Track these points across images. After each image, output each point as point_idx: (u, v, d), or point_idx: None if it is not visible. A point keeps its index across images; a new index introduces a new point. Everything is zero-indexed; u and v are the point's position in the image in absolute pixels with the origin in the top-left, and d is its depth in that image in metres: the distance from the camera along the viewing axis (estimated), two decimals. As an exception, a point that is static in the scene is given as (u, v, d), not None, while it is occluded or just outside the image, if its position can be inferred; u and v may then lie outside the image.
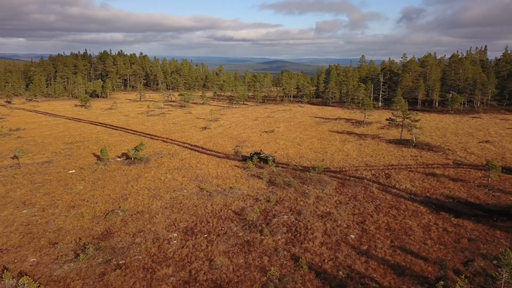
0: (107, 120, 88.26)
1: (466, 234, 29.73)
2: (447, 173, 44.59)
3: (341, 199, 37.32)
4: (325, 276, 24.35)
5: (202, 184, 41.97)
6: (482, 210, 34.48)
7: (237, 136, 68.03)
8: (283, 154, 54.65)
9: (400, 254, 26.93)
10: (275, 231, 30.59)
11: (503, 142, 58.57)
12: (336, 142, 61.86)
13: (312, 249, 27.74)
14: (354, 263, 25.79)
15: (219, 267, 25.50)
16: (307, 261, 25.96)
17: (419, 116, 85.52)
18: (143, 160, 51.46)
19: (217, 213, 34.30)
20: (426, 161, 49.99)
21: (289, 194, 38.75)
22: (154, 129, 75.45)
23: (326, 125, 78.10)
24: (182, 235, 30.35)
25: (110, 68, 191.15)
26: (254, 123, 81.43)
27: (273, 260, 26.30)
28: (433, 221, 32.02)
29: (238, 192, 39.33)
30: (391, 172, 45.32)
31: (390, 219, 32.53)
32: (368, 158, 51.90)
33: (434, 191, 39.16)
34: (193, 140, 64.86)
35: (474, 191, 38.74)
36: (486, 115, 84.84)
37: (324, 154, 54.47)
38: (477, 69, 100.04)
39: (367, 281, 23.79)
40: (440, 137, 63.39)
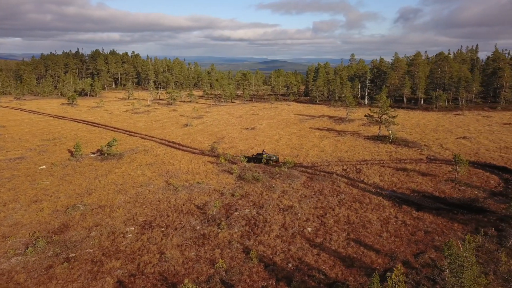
0: (90, 117, 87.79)
1: (424, 226, 29.60)
2: (418, 168, 44.52)
3: (307, 193, 37.14)
4: (274, 268, 24.12)
5: (171, 179, 41.68)
6: (445, 204, 34.41)
7: (217, 133, 67.78)
8: (259, 150, 54.39)
9: (353, 246, 26.76)
10: (233, 224, 30.36)
11: (480, 138, 58.60)
12: (314, 138, 61.73)
13: (267, 241, 27.51)
14: (306, 255, 25.59)
15: (169, 260, 25.23)
16: (259, 254, 25.74)
17: (403, 113, 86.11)
18: (117, 156, 51.11)
19: (179, 208, 34.03)
20: (400, 157, 49.92)
21: (256, 188, 38.53)
22: (135, 126, 75.08)
23: (308, 122, 77.98)
24: (139, 229, 30.07)
25: (101, 66, 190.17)
26: (237, 121, 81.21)
27: (225, 253, 26.05)
28: (394, 215, 31.87)
29: (205, 187, 39.08)
30: (362, 167, 45.21)
31: (351, 213, 32.36)
32: (343, 154, 51.77)
33: (401, 185, 39.05)
34: (171, 136, 64.55)
35: (441, 185, 38.66)
36: (469, 112, 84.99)
37: (300, 150, 54.30)
38: (461, 66, 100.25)
39: (315, 273, 23.60)
40: (419, 134, 63.39)
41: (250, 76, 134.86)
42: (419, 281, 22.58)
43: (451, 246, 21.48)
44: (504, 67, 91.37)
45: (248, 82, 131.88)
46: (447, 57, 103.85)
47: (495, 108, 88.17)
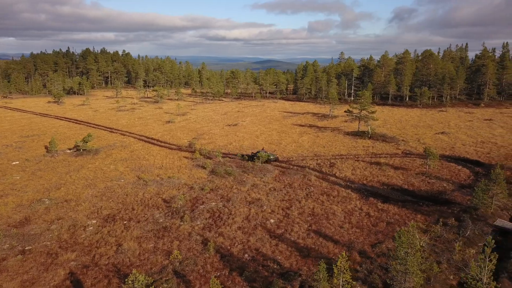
0: (74, 115, 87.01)
1: (387, 218, 29.64)
2: (392, 162, 44.63)
3: (276, 187, 37.05)
4: (229, 259, 24.00)
5: (142, 174, 41.38)
6: (413, 196, 34.50)
7: (199, 129, 67.52)
8: (237, 146, 54.27)
9: (313, 237, 26.71)
10: (196, 217, 30.18)
11: (459, 134, 58.90)
12: (294, 134, 61.67)
13: (227, 233, 27.38)
14: (264, 246, 25.49)
15: (125, 251, 25.00)
16: (217, 245, 25.62)
17: (388, 110, 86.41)
18: (92, 152, 50.68)
19: (146, 201, 33.76)
20: (376, 151, 50.01)
21: (226, 182, 38.37)
22: (117, 123, 74.55)
23: (292, 119, 77.93)
24: (101, 222, 29.78)
25: (91, 65, 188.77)
26: (221, 117, 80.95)
27: (183, 245, 25.88)
28: (359, 207, 31.89)
29: (175, 182, 38.84)
30: (336, 162, 45.21)
31: (317, 205, 32.32)
32: (320, 149, 51.75)
33: (372, 178, 39.11)
34: (151, 133, 64.18)
35: (411, 179, 38.77)
36: (452, 109, 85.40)
37: (278, 145, 54.20)
38: (445, 64, 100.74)
39: (269, 263, 23.51)
40: (399, 129, 63.57)
41: (238, 74, 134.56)
42: (372, 270, 22.58)
43: (403, 235, 21.51)
44: (487, 64, 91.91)
45: (237, 80, 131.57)
46: (432, 54, 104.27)
47: (478, 104, 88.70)
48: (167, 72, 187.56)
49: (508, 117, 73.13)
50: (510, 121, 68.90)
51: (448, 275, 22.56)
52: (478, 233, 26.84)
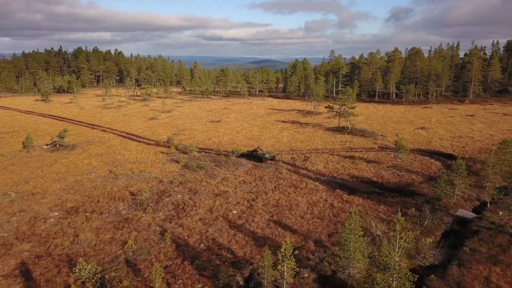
0: (59, 112, 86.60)
1: (350, 209, 29.64)
2: (366, 156, 44.74)
3: (246, 179, 37.02)
4: (184, 249, 23.95)
5: (115, 168, 41.22)
6: (380, 188, 34.60)
7: (181, 125, 67.38)
8: (216, 141, 54.18)
9: (272, 227, 26.71)
10: (160, 209, 30.11)
11: (438, 129, 59.11)
12: (275, 130, 61.67)
13: (187, 224, 27.33)
14: (221, 236, 25.45)
15: (81, 242, 24.89)
16: (175, 236, 25.57)
17: (373, 107, 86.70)
18: (69, 147, 50.47)
19: (113, 194, 33.61)
20: (353, 146, 50.10)
21: (197, 176, 38.29)
22: (100, 120, 74.27)
23: (276, 115, 77.95)
24: (63, 214, 29.61)
25: (82, 64, 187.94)
26: (206, 114, 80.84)
27: (141, 235, 25.80)
28: (324, 198, 31.93)
29: (146, 175, 38.72)
30: (311, 156, 45.24)
31: (283, 196, 32.32)
32: (297, 144, 51.77)
33: (343, 171, 39.18)
34: (133, 129, 63.98)
35: (382, 171, 38.86)
36: (437, 106, 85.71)
37: (257, 141, 54.16)
38: (431, 61, 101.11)
39: (223, 252, 23.48)
40: (380, 125, 63.73)
41: (228, 72, 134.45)
42: (324, 258, 22.59)
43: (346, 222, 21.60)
44: (472, 61, 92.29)
45: (226, 78, 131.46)
46: (419, 51, 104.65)
47: (463, 101, 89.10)
48: (159, 71, 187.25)
49: (490, 113, 73.50)
50: (491, 116, 69.24)
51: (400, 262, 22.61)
52: (437, 222, 26.94)
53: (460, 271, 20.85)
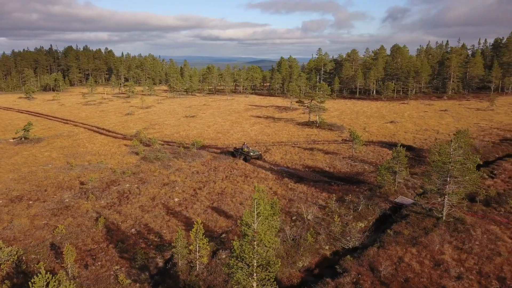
0: (37, 109, 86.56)
1: (292, 196, 29.94)
2: (326, 148, 45.06)
3: (200, 170, 37.24)
4: (115, 233, 24.12)
5: (73, 160, 41.24)
6: (329, 177, 34.90)
7: (154, 120, 67.53)
8: (184, 135, 54.35)
9: (208, 213, 26.94)
10: (103, 197, 30.25)
11: (407, 123, 59.55)
12: (247, 124, 61.91)
13: (125, 211, 27.49)
14: (154, 222, 25.65)
15: (14, 227, 24.99)
16: (109, 221, 25.73)
17: (351, 103, 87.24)
18: (34, 140, 50.52)
19: (62, 184, 33.69)
20: (317, 139, 50.44)
21: (152, 167, 38.44)
22: (76, 116, 74.30)
23: (253, 111, 78.22)
24: (6, 202, 29.63)
25: (71, 63, 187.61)
26: (183, 110, 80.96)
27: (76, 221, 25.92)
28: (270, 186, 32.18)
29: (101, 166, 38.82)
30: (272, 148, 45.52)
31: (230, 185, 32.53)
32: (264, 137, 52.04)
33: (298, 162, 39.46)
34: (105, 124, 64.07)
35: (336, 162, 39.17)
36: (415, 102, 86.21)
37: (225, 134, 54.41)
38: (411, 57, 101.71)
39: (152, 236, 23.69)
40: (351, 119, 64.12)
41: (213, 70, 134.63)
42: (248, 241, 22.78)
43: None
44: (451, 57, 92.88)
45: (212, 75, 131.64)
46: (400, 48, 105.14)
47: (441, 97, 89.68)
48: (149, 69, 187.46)
49: (464, 108, 74.03)
50: (464, 111, 69.77)
51: (323, 246, 22.90)
52: (372, 208, 27.22)
53: (377, 252, 21.11)
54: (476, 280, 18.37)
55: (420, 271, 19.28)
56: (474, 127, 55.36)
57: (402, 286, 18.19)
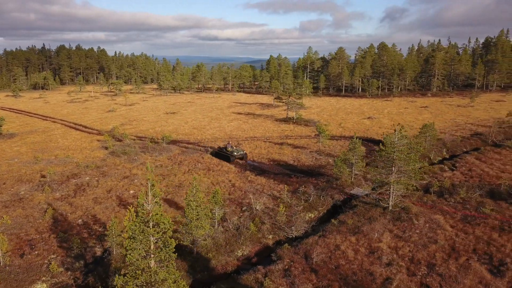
0: (21, 106, 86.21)
1: (249, 187, 29.90)
2: (297, 143, 45.08)
3: (165, 164, 37.18)
4: (60, 223, 24.06)
5: (41, 154, 41.06)
6: (291, 170, 34.91)
7: (134, 116, 67.37)
8: (159, 131, 54.17)
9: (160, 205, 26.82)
10: (60, 189, 30.16)
11: (384, 119, 59.63)
12: (225, 121, 61.86)
13: (77, 203, 27.40)
14: (103, 213, 25.58)
15: (-39, 218, 24.92)
16: (59, 213, 25.67)
17: (335, 100, 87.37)
18: (7, 136, 50.38)
19: (23, 177, 33.53)
20: (291, 134, 50.46)
21: (118, 161, 38.34)
22: (57, 113, 74.03)
23: (236, 108, 78.17)
24: (-39, 195, 29.61)
25: (63, 61, 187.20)
26: (166, 107, 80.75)
27: (25, 212, 25.82)
28: (229, 179, 32.15)
29: (67, 160, 38.71)
30: (244, 143, 45.50)
31: (190, 178, 32.41)
32: (239, 132, 52.00)
33: (266, 156, 39.44)
34: (84, 120, 63.89)
35: (302, 155, 39.20)
36: (399, 99, 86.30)
37: (201, 130, 54.36)
38: (396, 55, 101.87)
39: (96, 227, 23.63)
40: (330, 116, 64.14)
41: (203, 69, 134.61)
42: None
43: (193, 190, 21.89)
44: (435, 55, 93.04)
45: (200, 73, 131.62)
46: (386, 46, 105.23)
47: (425, 94, 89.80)
48: (141, 68, 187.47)
49: (445, 104, 74.18)
50: (444, 108, 69.92)
51: (266, 235, 22.88)
52: (324, 199, 27.23)
53: (316, 241, 21.11)
54: (405, 267, 18.40)
55: (353, 258, 19.29)
56: (450, 122, 55.48)
57: (331, 272, 18.19)
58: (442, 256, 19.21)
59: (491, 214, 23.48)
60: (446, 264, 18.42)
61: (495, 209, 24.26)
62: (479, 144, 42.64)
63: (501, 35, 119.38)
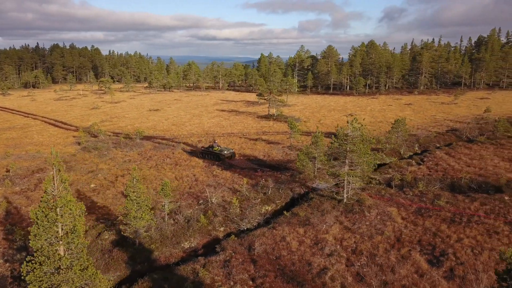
0: (7, 104, 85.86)
1: (212, 181, 29.72)
2: (272, 139, 44.94)
3: (134, 159, 36.98)
4: (12, 216, 23.87)
5: (12, 150, 40.86)
6: (260, 164, 34.76)
7: (116, 113, 67.11)
8: (137, 127, 53.75)
9: (117, 198, 26.70)
10: (21, 183, 29.95)
11: (365, 115, 59.39)
12: (206, 117, 61.67)
13: (35, 196, 27.19)
14: (59, 206, 25.37)
15: None
16: (14, 206, 25.47)
17: (321, 98, 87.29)
18: (-17, 132, 50.17)
19: (-12, 171, 33.40)
20: (269, 130, 50.33)
21: (88, 156, 38.12)
22: (40, 110, 73.70)
23: (221, 105, 78.01)
24: None
25: (55, 60, 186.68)
26: (152, 104, 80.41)
27: (-21, 205, 25.66)
28: (195, 173, 31.99)
29: (37, 156, 38.49)
30: (219, 138, 45.24)
31: (155, 172, 32.34)
32: (217, 129, 51.83)
33: (238, 151, 39.17)
34: (65, 117, 63.60)
35: (274, 151, 39.05)
36: (385, 96, 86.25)
37: (179, 126, 54.16)
38: (383, 53, 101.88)
39: (48, 219, 23.43)
40: (312, 113, 64.04)
41: (193, 67, 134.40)
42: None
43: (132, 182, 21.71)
44: (423, 53, 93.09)
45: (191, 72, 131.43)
46: (374, 44, 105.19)
47: (412, 92, 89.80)
48: (134, 67, 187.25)
49: (430, 102, 74.19)
50: (428, 105, 69.92)
51: (217, 227, 22.70)
52: (283, 192, 27.07)
53: (264, 232, 20.94)
54: (346, 257, 18.25)
55: (296, 249, 19.14)
56: (430, 119, 55.46)
57: (270, 263, 18.03)
58: (385, 247, 19.08)
59: (445, 207, 23.36)
60: (387, 254, 18.30)
61: (450, 201, 24.15)
62: (453, 140, 42.60)
63: (492, 34, 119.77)
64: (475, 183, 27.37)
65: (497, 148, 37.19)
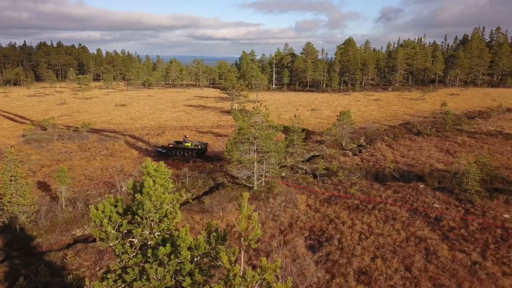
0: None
1: (136, 172, 29.11)
2: (223, 131, 44.55)
3: (71, 150, 36.32)
4: None
5: (-47, 141, 40.19)
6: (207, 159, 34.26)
7: (80, 108, 66.33)
8: (94, 121, 53.11)
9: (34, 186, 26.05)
10: None
11: (327, 110, 59.52)
12: (169, 112, 60.97)
13: None
14: None
15: None
16: None
17: (295, 95, 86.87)
18: None
19: None
20: (225, 124, 49.84)
21: (26, 147, 37.43)
22: (6, 106, 72.70)
23: (192, 101, 77.44)
24: None
25: (40, 58, 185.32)
26: (122, 100, 79.62)
27: None
28: (123, 164, 31.36)
29: (-23, 147, 37.79)
30: (169, 131, 44.79)
31: (83, 163, 31.72)
32: (173, 123, 51.23)
33: (181, 143, 38.75)
34: (27, 112, 62.68)
35: (217, 143, 38.59)
36: (358, 93, 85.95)
37: (136, 120, 53.46)
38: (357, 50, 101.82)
39: None
40: (276, 108, 63.43)
41: (174, 64, 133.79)
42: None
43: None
44: (397, 50, 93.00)
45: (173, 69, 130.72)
46: (351, 41, 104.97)
47: (387, 89, 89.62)
48: (120, 65, 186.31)
49: (399, 98, 73.99)
50: (395, 101, 69.70)
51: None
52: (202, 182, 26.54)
53: (159, 219, 20.39)
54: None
55: (182, 235, 18.58)
56: (390, 113, 55.29)
57: (149, 249, 17.45)
58: (274, 232, 18.61)
59: (356, 194, 22.91)
60: (271, 240, 17.81)
61: (363, 190, 23.72)
62: (403, 133, 42.29)
63: (476, 33, 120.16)
64: (399, 172, 26.98)
65: (440, 140, 36.89)
